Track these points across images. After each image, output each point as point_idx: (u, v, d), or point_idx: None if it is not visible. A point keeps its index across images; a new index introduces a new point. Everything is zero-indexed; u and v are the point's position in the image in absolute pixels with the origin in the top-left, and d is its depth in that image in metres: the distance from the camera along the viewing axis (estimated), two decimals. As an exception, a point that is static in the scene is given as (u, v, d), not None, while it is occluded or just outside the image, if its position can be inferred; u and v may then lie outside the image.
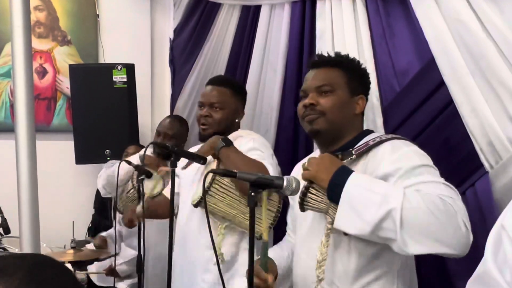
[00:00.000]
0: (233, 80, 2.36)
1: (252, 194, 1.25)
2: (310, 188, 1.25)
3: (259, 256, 1.37)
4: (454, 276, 1.81)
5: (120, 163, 2.22)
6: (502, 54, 1.63)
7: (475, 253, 0.75)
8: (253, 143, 1.93)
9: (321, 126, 1.46)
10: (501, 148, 1.67)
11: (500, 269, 0.68)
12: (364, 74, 1.58)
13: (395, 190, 1.21)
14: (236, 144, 1.88)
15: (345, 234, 1.26)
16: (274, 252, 1.59)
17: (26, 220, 1.49)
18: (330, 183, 1.25)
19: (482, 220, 1.71)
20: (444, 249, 1.16)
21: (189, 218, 1.99)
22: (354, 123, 1.51)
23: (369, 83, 1.60)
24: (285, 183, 1.25)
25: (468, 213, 1.23)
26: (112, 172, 2.65)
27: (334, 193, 1.23)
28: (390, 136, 1.43)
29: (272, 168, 1.82)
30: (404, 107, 2.00)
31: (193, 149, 2.10)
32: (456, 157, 1.84)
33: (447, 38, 1.78)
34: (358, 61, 1.60)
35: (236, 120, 2.07)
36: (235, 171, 1.30)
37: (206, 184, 1.74)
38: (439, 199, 1.19)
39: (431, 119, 1.95)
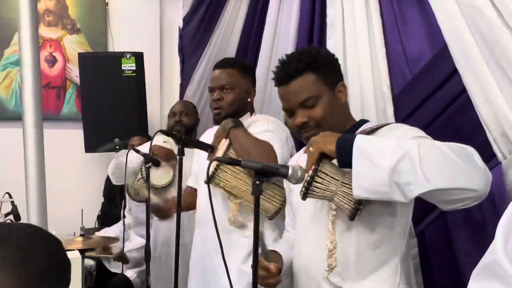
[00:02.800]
0: (239, 60, 2.36)
1: (257, 182, 1.23)
2: (316, 177, 1.24)
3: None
4: (465, 269, 1.78)
5: (128, 151, 2.23)
6: (518, 42, 1.58)
7: (488, 244, 0.72)
8: (267, 125, 1.91)
9: None
10: (515, 138, 1.63)
11: (511, 258, 0.65)
12: (331, 60, 1.50)
13: (407, 140, 1.21)
14: (251, 128, 1.87)
15: (351, 219, 1.26)
16: (279, 246, 1.57)
17: (33, 207, 1.50)
18: (338, 143, 1.20)
19: (494, 211, 1.67)
20: (468, 183, 1.12)
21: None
22: (345, 112, 1.50)
23: (339, 64, 1.52)
24: (290, 172, 1.24)
25: (479, 204, 1.21)
26: (122, 161, 2.66)
27: (344, 151, 1.18)
28: (388, 122, 1.43)
29: (281, 150, 1.80)
30: (416, 96, 1.96)
31: (210, 131, 2.09)
32: (468, 147, 1.80)
33: (461, 25, 1.73)
34: (318, 49, 1.50)
35: (249, 100, 2.04)
36: (240, 159, 1.29)
37: (211, 170, 1.73)
38: (453, 143, 1.18)
39: (443, 108, 1.91)
